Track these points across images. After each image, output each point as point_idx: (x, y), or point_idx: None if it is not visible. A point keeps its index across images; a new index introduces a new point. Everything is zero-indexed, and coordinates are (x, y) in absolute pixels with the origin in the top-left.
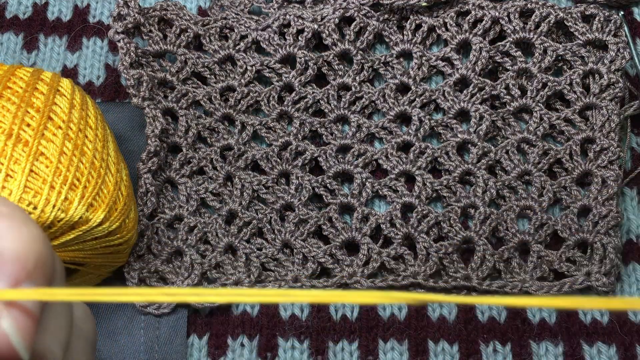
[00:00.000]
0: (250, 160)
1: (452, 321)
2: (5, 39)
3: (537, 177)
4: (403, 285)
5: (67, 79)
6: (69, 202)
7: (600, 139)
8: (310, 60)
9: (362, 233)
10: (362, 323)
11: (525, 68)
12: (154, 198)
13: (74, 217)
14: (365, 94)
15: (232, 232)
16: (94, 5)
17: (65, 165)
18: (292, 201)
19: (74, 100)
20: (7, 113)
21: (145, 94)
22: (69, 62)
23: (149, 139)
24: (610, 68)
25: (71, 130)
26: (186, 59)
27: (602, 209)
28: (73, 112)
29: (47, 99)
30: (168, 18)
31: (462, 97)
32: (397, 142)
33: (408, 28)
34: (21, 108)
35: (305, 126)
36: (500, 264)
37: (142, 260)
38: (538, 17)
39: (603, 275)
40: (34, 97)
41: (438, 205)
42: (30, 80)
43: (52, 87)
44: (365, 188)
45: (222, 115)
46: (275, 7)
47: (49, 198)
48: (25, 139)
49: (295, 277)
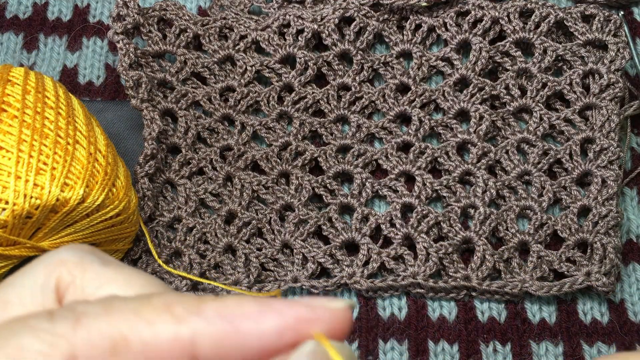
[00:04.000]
0: (250, 160)
1: (452, 321)
2: (5, 38)
3: (537, 177)
4: (403, 285)
5: (21, 67)
6: (40, 187)
7: (600, 139)
8: (310, 61)
9: (362, 233)
10: (362, 323)
11: (525, 68)
12: (151, 202)
13: (49, 200)
14: (365, 94)
15: (232, 232)
16: (94, 5)
17: (26, 153)
18: (292, 201)
19: (27, 86)
20: None
21: (144, 95)
22: (69, 62)
23: (146, 141)
24: (610, 68)
25: (27, 115)
26: (186, 59)
27: (602, 209)
28: (28, 98)
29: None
30: (167, 18)
31: (462, 97)
32: (397, 142)
33: (408, 28)
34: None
35: (305, 126)
36: (500, 264)
37: (141, 261)
38: (538, 17)
39: (603, 275)
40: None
41: (438, 205)
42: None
43: (2, 79)
44: (365, 188)
45: (221, 116)
46: (275, 7)
47: (17, 189)
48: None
49: (294, 278)
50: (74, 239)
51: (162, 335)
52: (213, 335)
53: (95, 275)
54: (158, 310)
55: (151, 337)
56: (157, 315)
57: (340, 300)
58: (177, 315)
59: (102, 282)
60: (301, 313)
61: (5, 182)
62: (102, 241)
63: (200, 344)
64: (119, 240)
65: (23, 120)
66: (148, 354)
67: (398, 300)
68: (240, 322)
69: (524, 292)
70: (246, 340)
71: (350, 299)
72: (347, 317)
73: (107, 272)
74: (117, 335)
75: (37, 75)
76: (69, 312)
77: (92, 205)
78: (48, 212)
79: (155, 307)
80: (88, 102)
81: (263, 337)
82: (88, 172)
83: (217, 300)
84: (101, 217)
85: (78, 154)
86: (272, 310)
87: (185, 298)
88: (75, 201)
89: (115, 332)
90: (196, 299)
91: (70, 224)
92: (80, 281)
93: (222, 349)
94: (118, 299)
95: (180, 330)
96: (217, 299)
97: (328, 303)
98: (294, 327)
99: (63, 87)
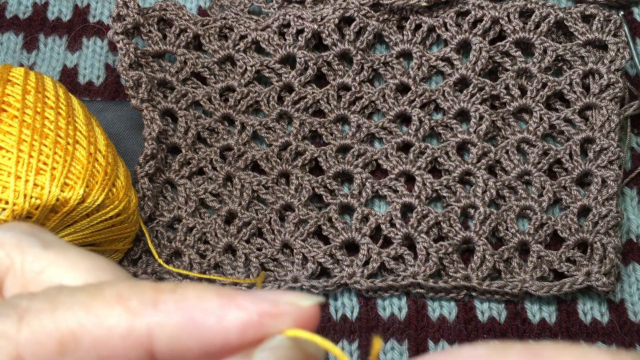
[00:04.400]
0: (250, 160)
1: (452, 321)
2: (5, 38)
3: (537, 177)
4: (403, 285)
5: (21, 67)
6: (40, 187)
7: (600, 139)
8: (310, 61)
9: (362, 233)
10: (362, 323)
11: (525, 68)
12: (151, 202)
13: (49, 200)
14: (365, 94)
15: (232, 232)
16: (94, 5)
17: (26, 153)
18: (292, 201)
19: (27, 86)
20: None
21: (144, 95)
22: (69, 62)
23: (146, 141)
24: (610, 68)
25: (28, 116)
26: (186, 59)
27: (602, 209)
28: (28, 98)
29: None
30: (167, 18)
31: (462, 97)
32: (397, 142)
33: (408, 28)
34: None
35: (305, 126)
36: (500, 264)
37: (141, 261)
38: (538, 17)
39: (603, 275)
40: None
41: (438, 205)
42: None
43: (2, 79)
44: (365, 188)
45: (221, 116)
46: (275, 7)
47: (17, 189)
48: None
49: (294, 278)
50: (74, 239)
51: (115, 331)
52: (171, 330)
53: (35, 259)
54: (110, 302)
55: (103, 333)
56: (109, 309)
57: (308, 297)
58: (131, 308)
59: (44, 265)
60: (265, 308)
61: (5, 182)
62: (102, 241)
63: (157, 338)
64: (119, 240)
65: (23, 120)
66: (100, 351)
67: (398, 300)
68: (201, 316)
69: (524, 292)
70: (206, 335)
71: (318, 296)
72: (314, 315)
73: (49, 255)
74: (65, 333)
75: (37, 75)
76: (12, 309)
77: (92, 205)
78: (48, 212)
79: (107, 300)
80: (88, 102)
81: (224, 333)
82: (88, 172)
83: (176, 292)
84: (101, 217)
85: (78, 154)
86: (234, 305)
87: (140, 288)
88: (75, 201)
89: (63, 330)
90: (153, 288)
91: (70, 224)
92: (20, 265)
93: (181, 344)
94: (65, 291)
95: (135, 324)
96: (177, 290)
97: (295, 299)
98: (257, 323)
99: (63, 87)
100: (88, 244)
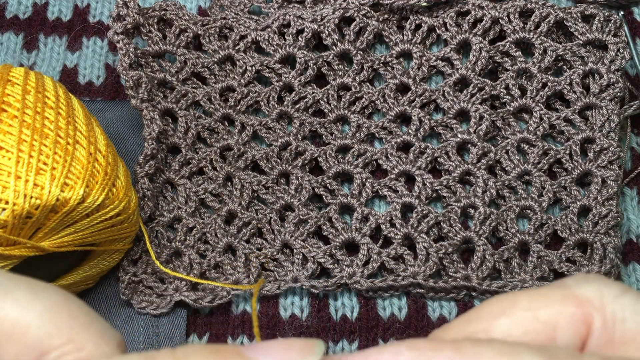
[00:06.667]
0: (250, 160)
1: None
2: (5, 38)
3: (537, 177)
4: (403, 285)
5: (21, 67)
6: (40, 187)
7: (600, 139)
8: (310, 61)
9: (362, 233)
10: (362, 323)
11: (525, 68)
12: (151, 202)
13: (49, 200)
14: (365, 94)
15: (232, 232)
16: (94, 5)
17: (26, 152)
18: (292, 201)
19: (27, 86)
20: None
21: (144, 95)
22: (69, 62)
23: (146, 141)
24: (610, 68)
25: (28, 115)
26: (186, 59)
27: (602, 209)
28: (28, 98)
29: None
30: (167, 18)
31: (462, 97)
32: (397, 142)
33: (408, 28)
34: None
35: (305, 126)
36: (500, 264)
37: (141, 261)
38: (538, 17)
39: (603, 275)
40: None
41: (438, 205)
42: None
43: (2, 79)
44: (365, 188)
45: (221, 116)
46: (275, 7)
47: (17, 189)
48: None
49: (294, 278)
50: (74, 239)
51: None
52: None
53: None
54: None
55: None
56: None
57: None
58: None
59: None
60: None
61: (5, 182)
62: (102, 241)
63: None
64: (119, 240)
65: (23, 120)
66: None
67: (398, 300)
68: None
69: None
70: None
71: (319, 341)
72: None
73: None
74: None
75: (37, 75)
76: None
77: (92, 205)
78: (48, 212)
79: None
80: (88, 102)
81: None
82: (88, 172)
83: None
84: (101, 217)
85: (78, 154)
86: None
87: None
88: (75, 201)
89: None
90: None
91: (70, 224)
92: None
93: None
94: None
95: None
96: None
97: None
98: None
99: (63, 87)
100: (88, 244)
